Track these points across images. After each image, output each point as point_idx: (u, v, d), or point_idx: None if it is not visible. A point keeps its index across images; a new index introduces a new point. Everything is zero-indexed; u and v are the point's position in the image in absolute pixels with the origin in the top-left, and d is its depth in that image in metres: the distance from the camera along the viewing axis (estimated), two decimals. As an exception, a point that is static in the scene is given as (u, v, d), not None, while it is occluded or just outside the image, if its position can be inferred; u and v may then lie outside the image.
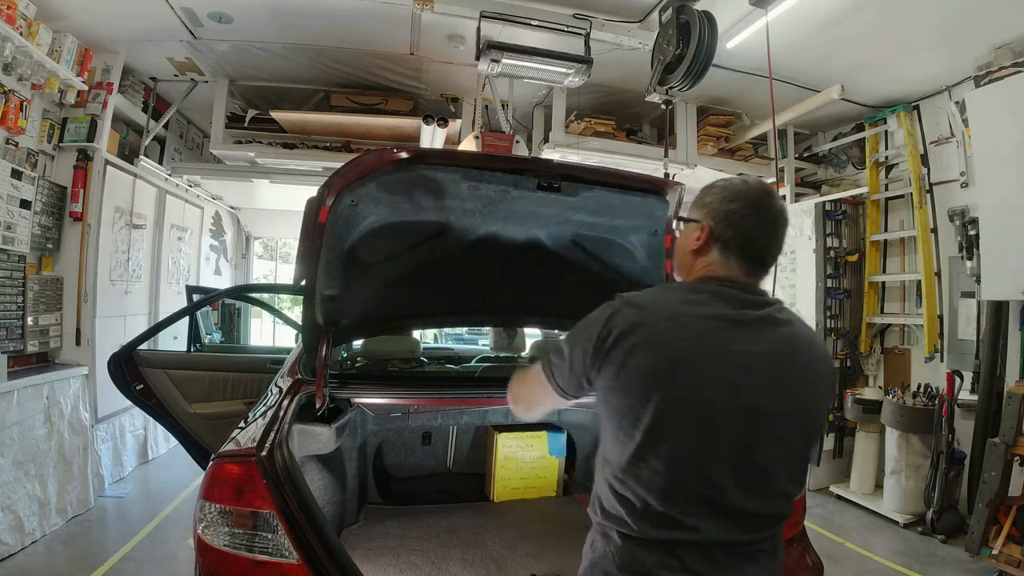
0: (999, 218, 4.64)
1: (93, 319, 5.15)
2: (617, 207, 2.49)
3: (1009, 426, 4.14)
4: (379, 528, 2.92)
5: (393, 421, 3.31)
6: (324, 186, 2.15)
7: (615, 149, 6.20)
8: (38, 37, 4.39)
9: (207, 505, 1.78)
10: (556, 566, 2.61)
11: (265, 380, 3.20)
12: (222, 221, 8.83)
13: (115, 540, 4.32)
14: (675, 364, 1.29)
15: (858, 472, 5.92)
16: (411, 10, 4.45)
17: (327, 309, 2.57)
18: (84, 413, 4.88)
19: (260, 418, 2.21)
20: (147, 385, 3.94)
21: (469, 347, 6.22)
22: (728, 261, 1.42)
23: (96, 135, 5.10)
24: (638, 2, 4.58)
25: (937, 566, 4.46)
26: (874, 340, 6.33)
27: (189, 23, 4.91)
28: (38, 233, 4.71)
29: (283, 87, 6.22)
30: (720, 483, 1.28)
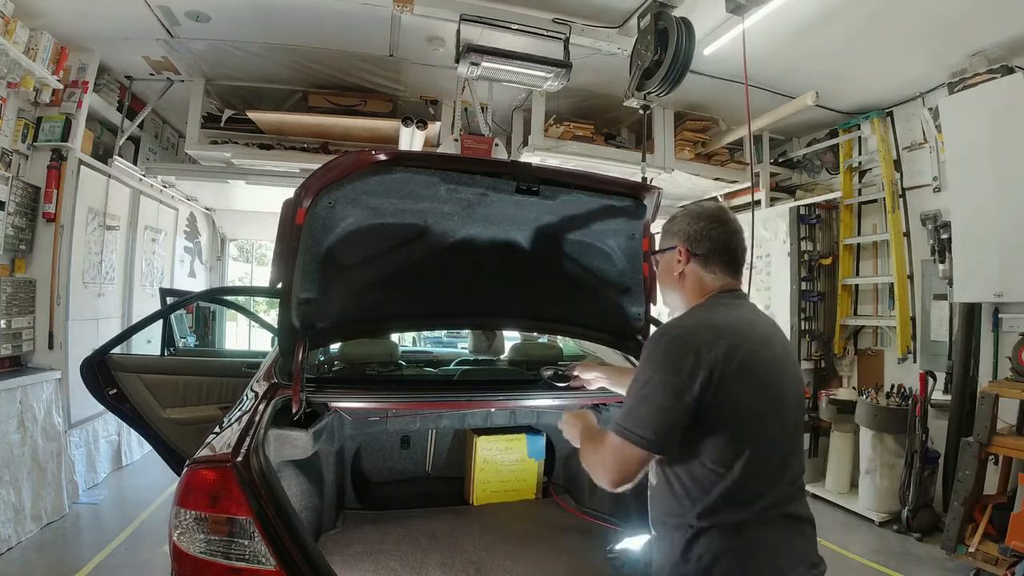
0: (972, 222, 4.74)
1: (66, 322, 5.08)
2: (595, 211, 2.51)
3: (983, 426, 4.23)
4: (358, 533, 2.90)
5: (371, 425, 3.29)
6: (301, 187, 2.14)
7: (594, 153, 6.23)
8: (15, 35, 4.33)
9: (182, 512, 1.76)
10: (536, 568, 2.61)
11: (240, 384, 3.16)
12: (197, 223, 8.73)
13: (90, 547, 4.25)
14: (760, 374, 1.52)
15: (833, 471, 6.00)
16: (390, 11, 4.45)
17: (304, 312, 2.55)
18: (57, 418, 4.79)
19: (235, 423, 2.18)
20: (120, 390, 3.87)
21: (448, 350, 6.20)
22: (713, 271, 1.66)
23: (70, 135, 5.04)
24: (617, 8, 4.61)
25: (914, 564, 4.53)
26: (848, 342, 6.42)
27: (166, 22, 4.86)
28: (11, 235, 4.63)
29: (260, 87, 6.17)
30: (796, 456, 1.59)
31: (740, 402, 1.46)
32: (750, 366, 1.48)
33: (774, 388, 1.54)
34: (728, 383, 1.43)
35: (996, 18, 4.30)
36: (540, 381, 2.90)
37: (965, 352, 5.00)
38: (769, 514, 1.50)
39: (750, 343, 1.51)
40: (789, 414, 1.58)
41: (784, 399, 1.56)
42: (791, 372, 1.63)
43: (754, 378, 1.49)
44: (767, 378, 1.52)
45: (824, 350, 6.43)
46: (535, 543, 2.84)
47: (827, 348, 6.43)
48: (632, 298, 2.98)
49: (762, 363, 1.52)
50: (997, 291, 4.52)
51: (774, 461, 1.52)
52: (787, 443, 1.56)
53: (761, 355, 1.53)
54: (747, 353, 1.49)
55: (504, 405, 3.28)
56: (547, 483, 3.57)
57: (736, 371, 1.45)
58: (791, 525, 1.55)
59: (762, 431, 1.50)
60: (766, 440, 1.50)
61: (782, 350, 1.63)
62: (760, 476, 1.48)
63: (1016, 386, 4.24)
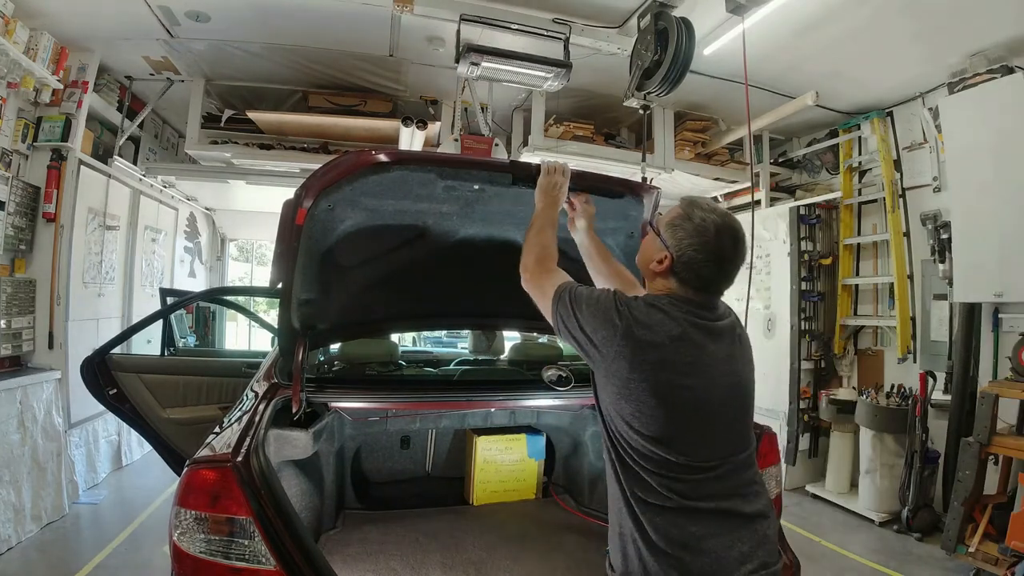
0: (972, 222, 4.74)
1: (66, 322, 5.07)
2: None
3: (983, 426, 4.22)
4: (357, 533, 2.90)
5: (371, 425, 3.29)
6: (301, 188, 2.14)
7: (594, 153, 6.23)
8: (15, 35, 4.33)
9: (182, 512, 1.76)
10: (536, 568, 2.61)
11: (240, 385, 3.16)
12: (197, 223, 8.72)
13: (90, 547, 4.25)
14: (685, 375, 1.54)
15: (833, 471, 6.00)
16: (390, 11, 4.44)
17: (304, 313, 2.55)
18: (57, 418, 4.79)
19: (235, 423, 2.18)
20: (120, 390, 3.88)
21: (448, 350, 6.20)
22: (683, 288, 1.65)
23: (70, 135, 5.03)
24: (617, 8, 4.61)
25: (914, 564, 4.53)
26: (848, 342, 6.42)
27: (166, 22, 4.85)
28: (11, 235, 4.62)
29: (260, 87, 6.17)
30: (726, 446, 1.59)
31: (656, 385, 1.51)
32: (665, 363, 1.53)
33: (698, 388, 1.56)
34: (639, 368, 1.52)
35: (996, 18, 4.30)
36: (540, 381, 2.91)
37: (965, 352, 4.99)
38: (699, 505, 1.51)
39: (675, 342, 1.55)
40: (721, 414, 1.60)
41: (711, 399, 1.58)
42: (728, 378, 1.63)
43: (670, 375, 1.53)
44: (689, 379, 1.55)
45: (824, 350, 6.42)
46: (535, 543, 2.85)
47: (827, 348, 6.43)
48: (631, 298, 2.98)
49: (683, 364, 1.55)
50: (997, 291, 4.52)
51: (700, 454, 1.53)
52: (718, 442, 1.58)
53: (685, 357, 1.55)
54: (666, 351, 1.53)
55: (504, 405, 3.28)
56: (547, 483, 3.57)
57: (648, 363, 1.52)
58: (729, 520, 1.53)
59: (682, 424, 1.53)
60: (681, 434, 1.52)
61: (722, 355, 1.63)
62: (683, 467, 1.51)
63: (1016, 386, 4.24)
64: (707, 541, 1.48)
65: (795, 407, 6.17)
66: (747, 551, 1.50)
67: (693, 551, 1.47)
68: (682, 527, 1.49)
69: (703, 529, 1.49)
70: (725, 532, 1.50)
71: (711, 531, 1.49)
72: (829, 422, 6.09)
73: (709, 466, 1.54)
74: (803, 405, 6.21)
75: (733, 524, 1.52)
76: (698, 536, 1.48)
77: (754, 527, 1.55)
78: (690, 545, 1.47)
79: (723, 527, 1.51)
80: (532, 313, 3.17)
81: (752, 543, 1.52)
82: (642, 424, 1.52)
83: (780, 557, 1.60)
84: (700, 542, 1.48)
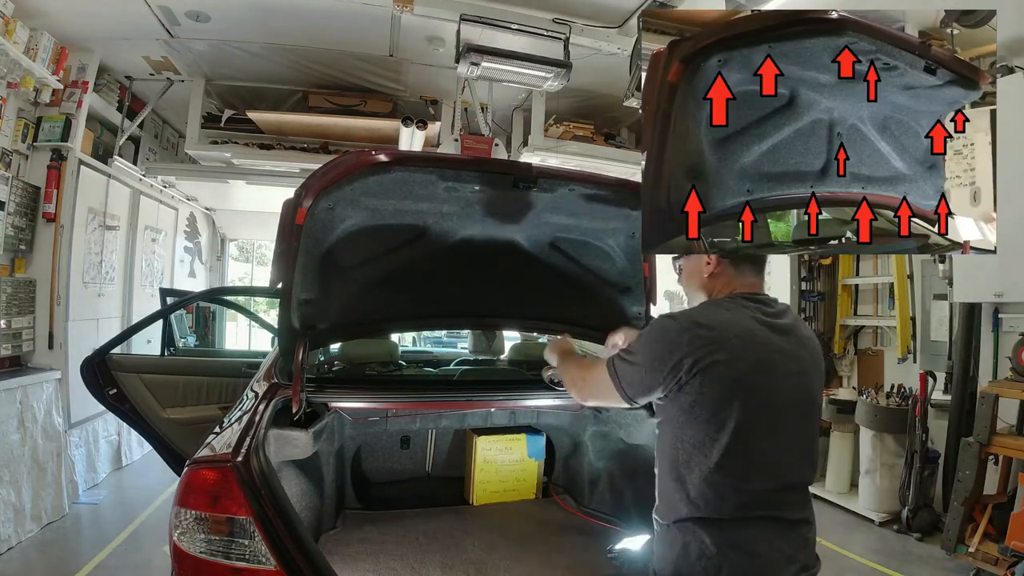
0: (971, 222, 4.73)
1: (66, 322, 5.08)
2: (594, 209, 2.51)
3: (983, 426, 4.22)
4: (357, 533, 2.90)
5: (371, 425, 3.29)
6: (301, 188, 2.13)
7: (594, 153, 6.24)
8: (15, 35, 4.33)
9: (182, 512, 1.76)
10: (536, 568, 2.61)
11: (240, 385, 3.16)
12: (197, 223, 8.73)
13: (90, 547, 4.26)
14: (752, 376, 1.53)
15: (833, 471, 6.00)
16: (390, 11, 4.45)
17: (304, 313, 2.55)
18: (57, 418, 4.79)
19: (235, 423, 2.18)
20: (120, 390, 3.88)
21: (448, 350, 6.20)
22: (742, 273, 1.70)
23: (70, 135, 5.04)
24: (617, 8, 4.61)
25: (914, 564, 4.53)
26: (848, 341, 6.42)
27: (166, 21, 4.86)
28: (11, 235, 4.63)
29: (260, 87, 6.17)
30: (790, 460, 1.61)
31: (720, 392, 1.51)
32: (731, 361, 1.51)
33: (763, 386, 1.55)
34: (708, 372, 1.50)
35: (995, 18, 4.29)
36: (540, 381, 2.91)
37: (965, 352, 4.99)
38: (753, 512, 1.53)
39: (741, 340, 1.54)
40: (784, 417, 1.59)
41: (775, 400, 1.57)
42: (794, 379, 1.62)
43: (733, 370, 1.51)
44: (752, 374, 1.54)
45: (824, 350, 6.41)
46: (535, 543, 2.84)
47: (827, 348, 6.42)
48: (632, 297, 2.98)
49: (747, 360, 1.53)
50: (997, 291, 4.51)
51: (758, 458, 1.55)
52: (779, 444, 1.58)
53: (751, 354, 1.54)
54: (734, 349, 1.52)
55: (504, 405, 3.28)
56: (547, 483, 3.57)
57: (714, 361, 1.50)
58: (779, 525, 1.57)
59: (744, 426, 1.51)
60: (749, 435, 1.52)
61: (787, 354, 1.62)
62: (741, 470, 1.52)
63: (1016, 386, 4.24)
64: (758, 545, 1.53)
65: (795, 407, 6.16)
66: (791, 554, 1.56)
67: (744, 553, 1.52)
68: (737, 532, 1.52)
69: (755, 533, 1.53)
70: (774, 536, 1.55)
71: (762, 535, 1.53)
72: (829, 422, 6.08)
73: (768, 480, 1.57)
74: (803, 405, 6.20)
75: (781, 529, 1.57)
76: (749, 540, 1.52)
77: (798, 531, 1.61)
78: (742, 547, 1.52)
79: (772, 532, 1.55)
80: (532, 313, 3.20)
81: (796, 547, 1.58)
82: (710, 429, 1.52)
83: (818, 561, 1.65)
84: (751, 545, 1.52)
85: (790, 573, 1.55)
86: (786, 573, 1.54)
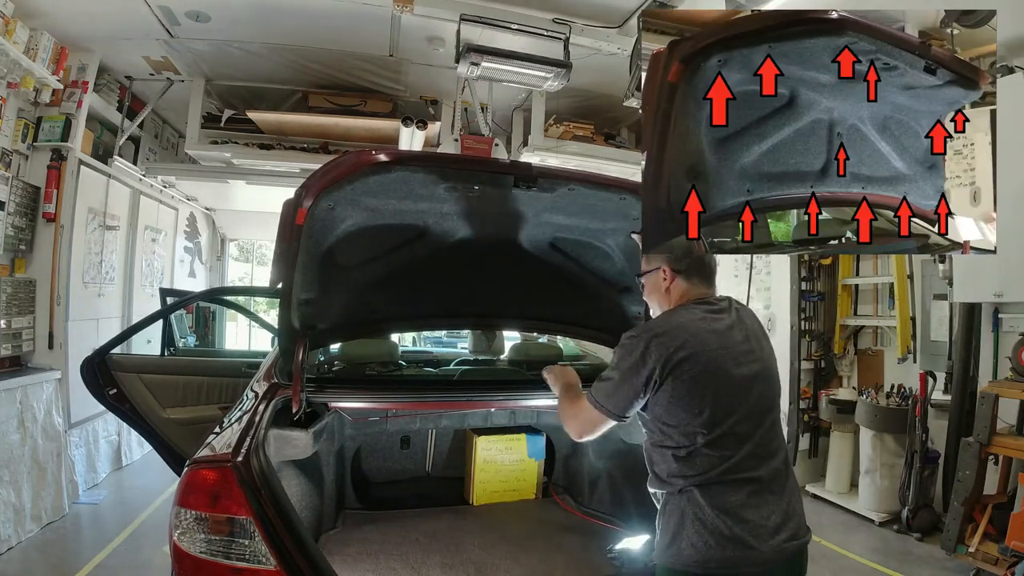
0: (970, 222, 4.72)
1: (66, 322, 5.07)
2: (594, 209, 2.51)
3: (983, 425, 4.22)
4: (357, 533, 2.90)
5: (371, 425, 3.29)
6: (301, 188, 2.13)
7: (594, 153, 6.24)
8: (15, 35, 4.33)
9: (183, 511, 1.76)
10: (536, 568, 2.61)
11: (240, 385, 3.16)
12: (197, 223, 8.73)
13: (90, 547, 4.26)
14: (710, 366, 1.71)
15: (833, 471, 6.00)
16: (390, 11, 4.44)
17: (304, 313, 2.55)
18: (57, 418, 4.79)
19: (236, 423, 2.18)
20: (120, 390, 3.87)
21: (448, 350, 6.20)
22: (693, 284, 1.88)
23: (70, 135, 5.03)
24: (617, 8, 4.60)
25: (914, 564, 4.53)
26: (848, 341, 6.42)
27: (166, 21, 4.85)
28: (11, 235, 4.63)
29: (260, 87, 6.17)
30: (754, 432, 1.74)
31: (690, 382, 1.69)
32: (693, 355, 1.70)
33: (723, 371, 1.73)
34: (677, 367, 1.68)
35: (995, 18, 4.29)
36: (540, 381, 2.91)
37: (965, 352, 4.99)
38: (738, 476, 1.68)
39: (695, 337, 1.73)
40: (747, 391, 1.76)
41: (737, 379, 1.75)
42: (749, 356, 1.80)
43: (697, 363, 1.69)
44: (713, 363, 1.72)
45: (824, 350, 6.42)
46: (535, 543, 2.84)
47: (827, 348, 6.42)
48: (631, 297, 2.98)
49: (706, 352, 1.72)
50: (997, 291, 4.51)
51: (737, 430, 1.71)
52: (750, 415, 1.75)
53: (705, 346, 1.72)
54: (690, 345, 1.71)
55: (504, 405, 3.28)
56: (547, 483, 3.57)
57: (680, 359, 1.69)
58: (767, 493, 1.71)
59: (715, 405, 1.69)
60: (723, 412, 1.70)
61: (735, 341, 1.80)
62: (724, 442, 1.69)
63: (1016, 386, 4.24)
64: (746, 511, 1.66)
65: (795, 407, 6.17)
66: (778, 523, 1.69)
67: (736, 519, 1.65)
68: (726, 495, 1.66)
69: (743, 499, 1.67)
70: (761, 504, 1.69)
71: (750, 501, 1.68)
72: (829, 422, 6.09)
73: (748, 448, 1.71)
74: (803, 405, 6.22)
75: (765, 496, 1.71)
76: (738, 505, 1.66)
77: (784, 500, 1.74)
78: (732, 513, 1.65)
79: (759, 498, 1.69)
80: (532, 313, 3.20)
81: (783, 515, 1.71)
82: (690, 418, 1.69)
83: (809, 532, 1.79)
84: (741, 512, 1.66)
85: (780, 540, 1.68)
86: (777, 539, 1.68)
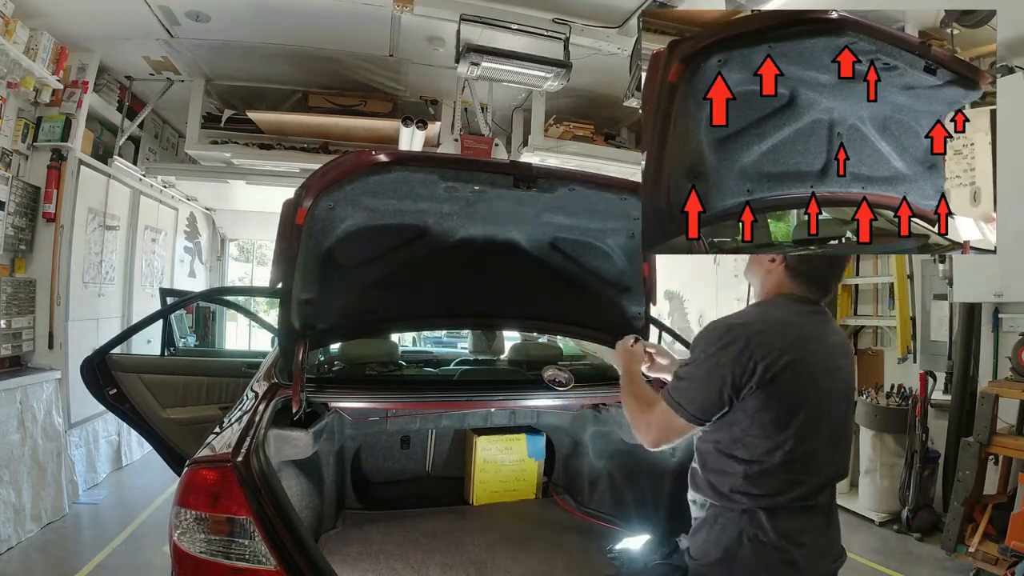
0: (970, 222, 4.72)
1: (66, 322, 5.07)
2: (594, 209, 2.51)
3: (983, 425, 4.22)
4: (358, 533, 2.90)
5: (371, 425, 3.29)
6: (301, 188, 2.13)
7: (594, 153, 6.24)
8: (15, 35, 4.33)
9: (182, 511, 1.76)
10: (536, 568, 2.61)
11: (240, 385, 3.16)
12: (197, 223, 8.73)
13: (90, 547, 4.26)
14: (811, 377, 1.60)
15: (833, 472, 5.99)
16: (390, 11, 4.44)
17: (304, 313, 2.55)
18: (57, 418, 4.79)
19: (236, 423, 2.18)
20: (120, 390, 3.87)
21: (448, 350, 6.20)
22: (796, 284, 1.71)
23: (70, 135, 5.03)
24: (617, 8, 4.60)
25: (914, 564, 4.53)
26: (848, 341, 6.41)
27: (166, 22, 4.85)
28: (11, 235, 4.63)
29: (260, 87, 6.18)
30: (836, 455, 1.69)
31: (789, 393, 1.57)
32: (795, 362, 1.57)
33: (818, 386, 1.62)
34: (772, 374, 1.54)
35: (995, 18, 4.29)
36: (540, 381, 2.91)
37: (965, 352, 4.99)
38: (805, 503, 1.61)
39: (802, 342, 1.62)
40: (833, 410, 1.66)
41: (828, 396, 1.65)
42: (839, 373, 1.71)
43: (798, 373, 1.57)
44: (812, 375, 1.61)
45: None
46: (535, 543, 2.84)
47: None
48: (631, 297, 2.98)
49: (807, 361, 1.60)
50: (997, 291, 4.51)
51: (817, 453, 1.62)
52: (831, 437, 1.65)
53: (807, 354, 1.61)
54: (794, 350, 1.58)
55: (504, 405, 3.28)
56: (547, 483, 3.57)
57: (784, 365, 1.55)
58: (822, 516, 1.67)
59: (805, 422, 1.58)
60: (808, 431, 1.59)
61: (832, 353, 1.70)
62: (801, 465, 1.59)
63: (1016, 386, 4.23)
64: (805, 536, 1.60)
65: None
66: (828, 545, 1.67)
67: (794, 543, 1.59)
68: (791, 521, 1.60)
69: (803, 524, 1.61)
70: (819, 528, 1.65)
71: (808, 526, 1.62)
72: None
73: (821, 475, 1.65)
74: (803, 405, 6.21)
75: (823, 520, 1.67)
76: (800, 530, 1.60)
77: (834, 522, 1.72)
78: (793, 537, 1.59)
79: (817, 523, 1.65)
80: (532, 313, 3.20)
81: (832, 537, 1.70)
82: (775, 432, 1.58)
83: (845, 553, 1.75)
84: (800, 536, 1.60)
85: (828, 563, 1.66)
86: (825, 562, 1.65)
